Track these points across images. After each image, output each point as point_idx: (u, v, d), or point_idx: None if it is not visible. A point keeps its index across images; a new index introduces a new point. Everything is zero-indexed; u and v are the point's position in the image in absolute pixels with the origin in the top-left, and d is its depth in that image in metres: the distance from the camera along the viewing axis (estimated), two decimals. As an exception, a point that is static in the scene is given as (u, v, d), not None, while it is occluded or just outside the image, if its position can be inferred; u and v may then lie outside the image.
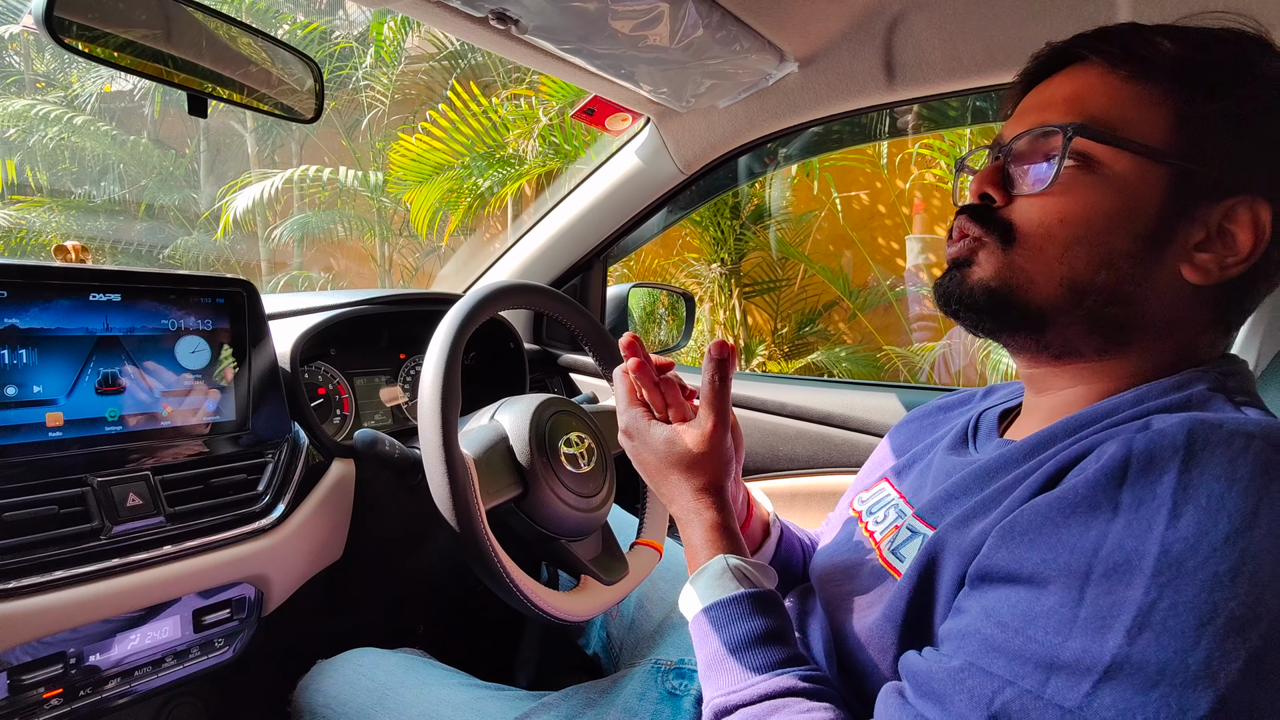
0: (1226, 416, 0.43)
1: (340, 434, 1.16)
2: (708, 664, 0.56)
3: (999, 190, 0.56)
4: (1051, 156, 0.53)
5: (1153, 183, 0.50)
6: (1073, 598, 0.41)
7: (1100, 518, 0.42)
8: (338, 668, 0.90)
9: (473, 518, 0.74)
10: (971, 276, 0.57)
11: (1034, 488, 0.48)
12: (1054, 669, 0.40)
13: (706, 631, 0.57)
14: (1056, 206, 0.53)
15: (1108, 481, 0.42)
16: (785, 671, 0.52)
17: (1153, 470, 0.41)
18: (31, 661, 0.71)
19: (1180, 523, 0.39)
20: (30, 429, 0.74)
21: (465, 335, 0.81)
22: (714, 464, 0.64)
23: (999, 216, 0.56)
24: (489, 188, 4.58)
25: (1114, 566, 0.40)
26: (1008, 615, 0.43)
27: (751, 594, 0.57)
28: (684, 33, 0.94)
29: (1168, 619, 0.38)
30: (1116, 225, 0.51)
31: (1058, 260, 0.53)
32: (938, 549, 0.52)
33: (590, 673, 1.01)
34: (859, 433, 1.28)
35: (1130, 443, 0.43)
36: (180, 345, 0.86)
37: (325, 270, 7.07)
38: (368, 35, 5.97)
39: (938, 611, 0.51)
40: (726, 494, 0.65)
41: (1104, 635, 0.39)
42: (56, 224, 6.44)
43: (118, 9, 0.80)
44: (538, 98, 4.50)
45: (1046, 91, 0.57)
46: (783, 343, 5.09)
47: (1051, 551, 0.42)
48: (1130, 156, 0.51)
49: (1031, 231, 0.54)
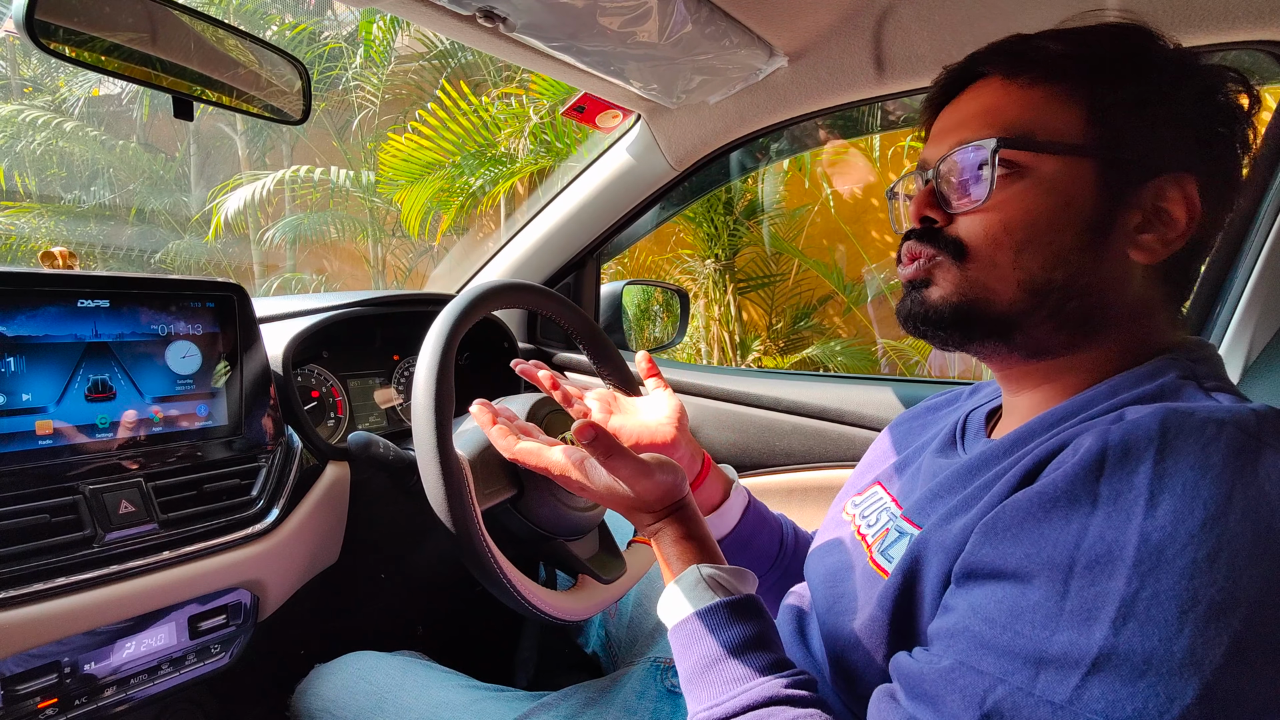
0: (1198, 405, 0.44)
1: (334, 437, 1.15)
2: (689, 678, 0.55)
3: (937, 211, 0.57)
4: (979, 171, 0.54)
5: (1082, 176, 0.52)
6: (1057, 591, 0.41)
7: (1080, 511, 0.42)
8: (336, 671, 0.90)
9: (469, 519, 0.74)
10: (932, 296, 0.57)
11: (1012, 483, 0.48)
12: (1043, 664, 0.40)
13: (685, 644, 0.56)
14: (998, 217, 0.54)
15: (1085, 475, 0.43)
16: (768, 679, 0.52)
17: (1129, 461, 0.42)
18: (25, 671, 0.71)
19: (1158, 512, 0.40)
20: (20, 437, 0.73)
21: (459, 335, 0.80)
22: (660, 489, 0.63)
23: (946, 235, 0.57)
24: (481, 187, 4.57)
25: (1095, 558, 0.40)
26: (995, 612, 0.43)
27: (728, 602, 0.56)
28: (673, 29, 0.93)
29: (1150, 608, 0.38)
30: (1059, 223, 0.53)
31: (1011, 266, 0.54)
32: (922, 548, 0.52)
33: (589, 672, 1.01)
34: (855, 427, 1.28)
35: (1105, 435, 0.43)
36: (171, 350, 0.85)
37: (318, 272, 7.05)
38: (357, 35, 5.95)
39: (924, 611, 0.51)
40: (687, 502, 0.65)
41: (1090, 627, 0.39)
42: (46, 230, 6.40)
43: (101, 12, 0.79)
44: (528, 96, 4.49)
45: (957, 111, 0.59)
46: (778, 338, 5.09)
47: (1034, 546, 0.43)
48: (1053, 157, 0.53)
49: (980, 244, 0.55)
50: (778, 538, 0.85)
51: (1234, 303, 0.99)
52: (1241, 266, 0.99)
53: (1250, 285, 0.97)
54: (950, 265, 0.56)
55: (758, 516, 0.84)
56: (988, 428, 0.65)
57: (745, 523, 0.82)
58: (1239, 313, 0.98)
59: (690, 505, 0.65)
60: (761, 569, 0.84)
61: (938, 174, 0.57)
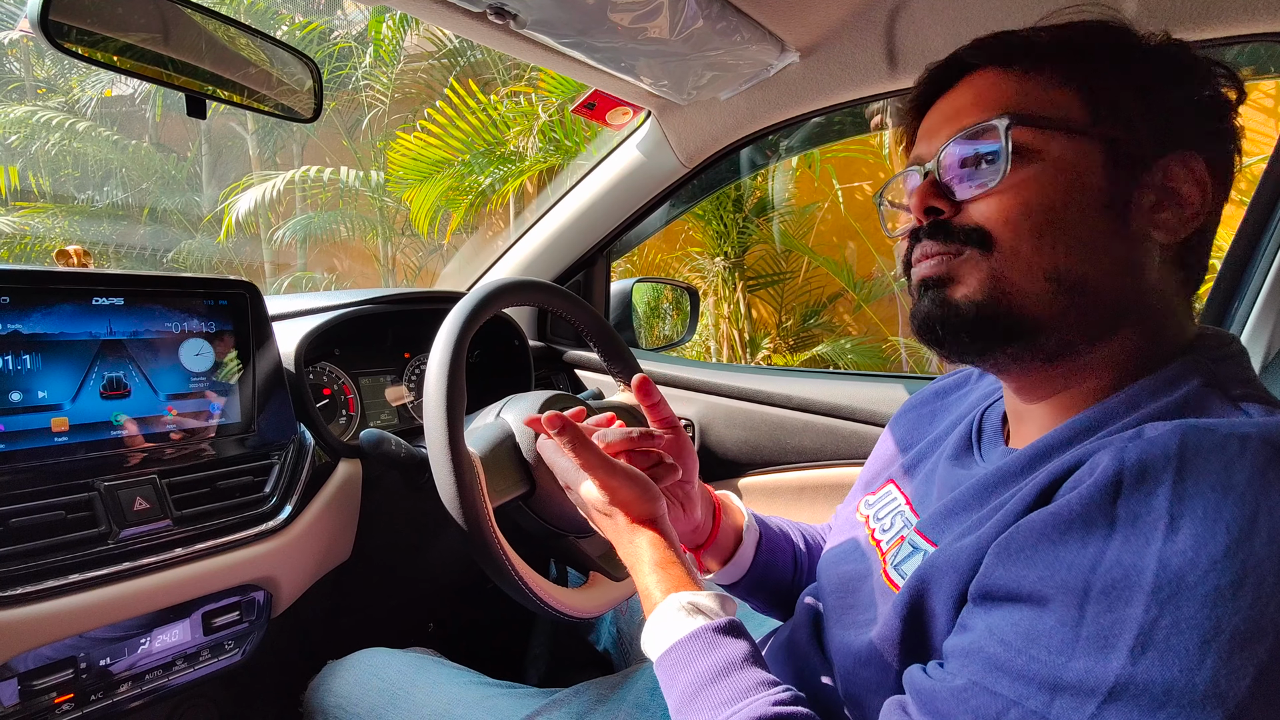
0: (1220, 421, 0.42)
1: (346, 434, 1.16)
2: (677, 707, 0.54)
3: (942, 201, 0.55)
4: (989, 154, 0.53)
5: (1089, 157, 0.51)
6: (1073, 616, 0.40)
7: (1097, 534, 0.41)
8: (348, 668, 0.90)
9: (480, 516, 0.74)
10: (956, 294, 0.54)
11: (1027, 500, 0.47)
12: (1058, 689, 0.39)
13: (671, 674, 0.55)
14: (1015, 199, 0.52)
15: (1102, 496, 0.41)
16: (756, 699, 0.51)
17: (1146, 482, 0.40)
18: (42, 667, 0.71)
19: (1178, 536, 0.38)
20: (36, 434, 0.74)
21: (469, 333, 0.80)
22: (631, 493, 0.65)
23: (962, 226, 0.54)
24: (490, 185, 4.57)
25: (1112, 583, 0.39)
26: (1010, 634, 0.42)
27: (709, 628, 0.56)
28: (684, 24, 0.93)
29: (1170, 637, 0.37)
30: (1074, 204, 0.51)
31: (1035, 253, 0.51)
32: (934, 566, 0.51)
33: (601, 669, 1.01)
34: (866, 424, 1.27)
35: (1122, 454, 0.42)
36: (184, 348, 0.85)
37: (329, 271, 7.08)
38: (367, 34, 5.96)
39: (936, 627, 0.50)
40: (661, 526, 0.65)
41: (1106, 655, 0.38)
42: (60, 229, 6.46)
43: (115, 12, 0.80)
44: (537, 94, 4.49)
45: (950, 104, 0.58)
46: (788, 335, 5.08)
47: (1049, 569, 0.42)
48: (1061, 137, 0.52)
49: (1001, 231, 0.52)
50: (790, 562, 0.84)
51: (1253, 296, 0.98)
52: (1261, 260, 0.98)
53: (1270, 278, 0.96)
54: (977, 258, 0.53)
55: (770, 551, 0.83)
56: (1004, 430, 0.63)
57: (758, 562, 0.82)
58: (1259, 306, 0.97)
59: (667, 525, 0.66)
60: (777, 599, 0.84)
61: (939, 165, 0.56)
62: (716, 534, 0.80)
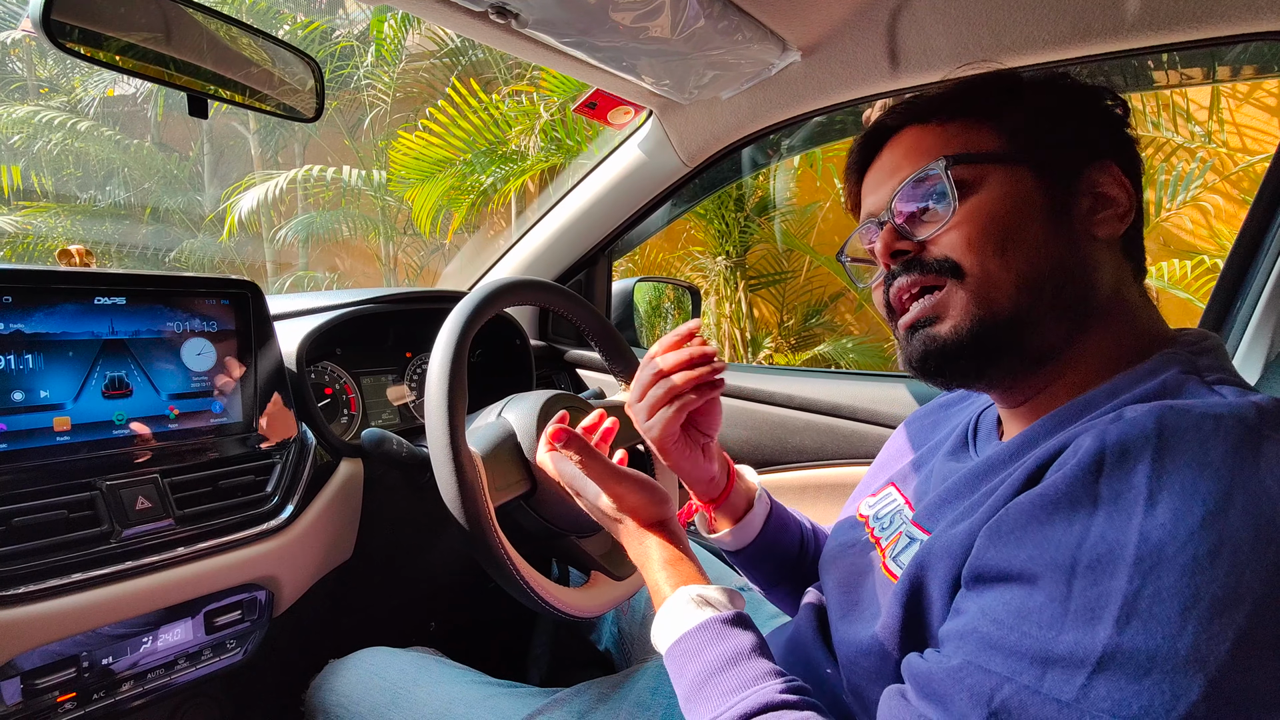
0: (1196, 401, 0.45)
1: (348, 433, 1.16)
2: (686, 696, 0.56)
3: (905, 242, 0.60)
4: (936, 193, 0.58)
5: (1023, 178, 0.57)
6: (1061, 592, 0.41)
7: (1081, 512, 0.43)
8: (350, 667, 0.90)
9: (481, 515, 0.74)
10: (944, 329, 0.57)
11: (1016, 485, 0.49)
12: (1049, 663, 0.41)
13: (680, 664, 0.57)
14: (972, 226, 0.56)
15: (1085, 476, 0.43)
16: (762, 687, 0.53)
17: (1127, 461, 0.42)
18: (45, 665, 0.72)
19: (1157, 510, 0.40)
20: (38, 434, 0.74)
21: (471, 333, 0.80)
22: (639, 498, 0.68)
23: (931, 259, 0.58)
24: (492, 184, 4.57)
25: (1097, 558, 0.41)
26: (1002, 613, 0.44)
27: (718, 619, 0.58)
28: (685, 24, 0.93)
29: (1153, 606, 0.38)
30: (1023, 217, 0.56)
31: (1003, 268, 0.55)
32: (930, 554, 0.53)
33: (602, 668, 1.01)
34: (867, 424, 1.27)
35: (1103, 435, 0.44)
36: (186, 347, 0.86)
37: (330, 270, 7.09)
38: (368, 34, 5.97)
39: (933, 615, 0.51)
40: (670, 527, 0.68)
41: (1094, 627, 0.40)
42: (63, 229, 6.47)
43: (117, 11, 0.80)
44: (539, 93, 4.48)
45: (885, 163, 0.64)
46: (789, 335, 5.07)
47: (1038, 549, 0.43)
48: (992, 167, 0.57)
49: (967, 257, 0.56)
50: (797, 539, 0.85)
51: (1255, 297, 0.98)
52: (1262, 263, 0.98)
53: (1272, 279, 0.96)
54: (954, 289, 0.57)
55: (779, 523, 0.84)
56: (999, 429, 0.66)
57: (767, 531, 0.83)
58: (1260, 307, 0.96)
59: (676, 527, 0.68)
60: (782, 575, 0.84)
61: (893, 213, 0.60)
62: (729, 491, 0.81)
